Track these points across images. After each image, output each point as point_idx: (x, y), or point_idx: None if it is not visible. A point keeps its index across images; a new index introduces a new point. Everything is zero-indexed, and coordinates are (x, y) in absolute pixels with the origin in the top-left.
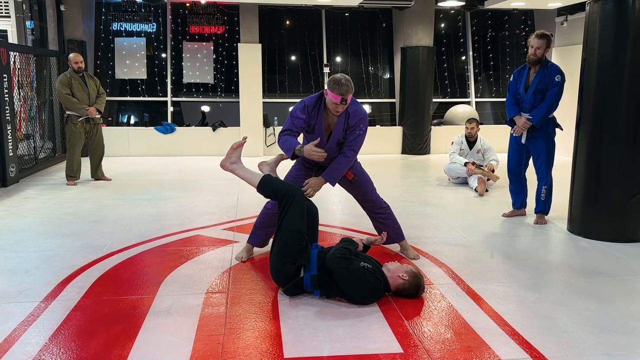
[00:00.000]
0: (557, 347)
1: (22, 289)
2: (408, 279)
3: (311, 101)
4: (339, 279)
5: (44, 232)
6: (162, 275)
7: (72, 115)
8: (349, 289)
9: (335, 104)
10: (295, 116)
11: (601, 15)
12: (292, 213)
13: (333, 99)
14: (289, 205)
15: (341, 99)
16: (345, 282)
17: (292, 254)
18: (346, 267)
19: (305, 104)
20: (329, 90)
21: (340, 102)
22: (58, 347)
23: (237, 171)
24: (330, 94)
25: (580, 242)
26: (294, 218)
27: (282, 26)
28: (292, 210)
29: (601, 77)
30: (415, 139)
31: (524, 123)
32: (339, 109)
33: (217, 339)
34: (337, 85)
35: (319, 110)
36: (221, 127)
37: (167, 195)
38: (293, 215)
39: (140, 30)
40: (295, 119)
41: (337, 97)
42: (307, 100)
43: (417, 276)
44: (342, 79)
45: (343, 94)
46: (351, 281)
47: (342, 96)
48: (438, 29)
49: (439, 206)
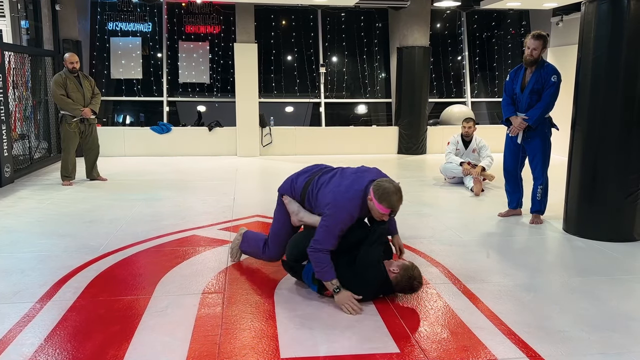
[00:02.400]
0: (553, 347)
1: (18, 289)
2: (399, 272)
3: (356, 211)
4: (360, 270)
5: (39, 233)
6: (158, 276)
7: (66, 116)
8: (362, 282)
9: (382, 215)
10: (337, 234)
11: (596, 16)
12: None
13: (380, 210)
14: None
15: (390, 212)
16: (364, 276)
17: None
18: (377, 261)
19: (353, 216)
20: (375, 201)
21: (389, 215)
22: (54, 348)
23: (308, 220)
24: (378, 205)
25: (576, 242)
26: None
27: (278, 26)
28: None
29: (596, 77)
30: (412, 139)
31: (520, 123)
32: (385, 219)
33: (214, 339)
34: (387, 196)
35: (361, 214)
36: (217, 127)
37: (163, 195)
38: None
39: (135, 30)
40: (335, 238)
41: (385, 209)
42: (351, 209)
43: (409, 268)
44: (393, 193)
45: (394, 208)
46: (370, 278)
47: (393, 210)
48: (434, 29)
49: (435, 206)
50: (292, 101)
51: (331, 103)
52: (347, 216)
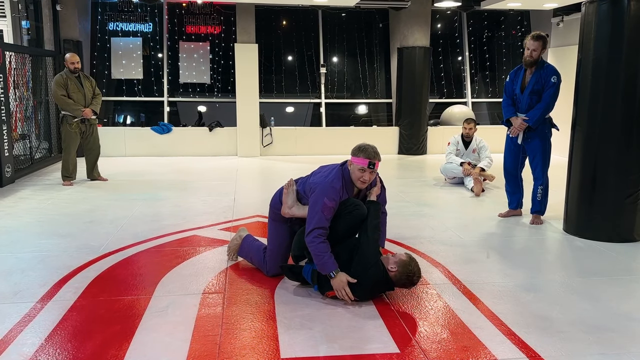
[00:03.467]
0: (553, 347)
1: (18, 289)
2: (397, 269)
3: (338, 182)
4: (360, 270)
5: (40, 233)
6: (158, 276)
7: (67, 116)
8: (362, 283)
9: (362, 170)
10: (327, 207)
11: (597, 16)
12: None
13: (359, 164)
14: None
15: (369, 163)
16: (364, 277)
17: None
18: (375, 262)
19: (335, 188)
20: (353, 158)
21: (368, 166)
22: (54, 348)
23: (298, 213)
24: (356, 159)
25: (576, 242)
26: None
27: (279, 26)
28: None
29: (597, 77)
30: (412, 140)
31: (520, 124)
32: (365, 177)
33: (214, 340)
34: (363, 148)
35: (346, 188)
36: (218, 127)
37: (163, 195)
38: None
39: (136, 30)
40: (327, 211)
41: (363, 161)
42: (332, 182)
43: (406, 264)
44: (368, 146)
45: (371, 157)
46: (370, 278)
47: (370, 159)
48: (434, 30)
49: (435, 206)
50: (293, 101)
51: (332, 103)
52: (331, 189)
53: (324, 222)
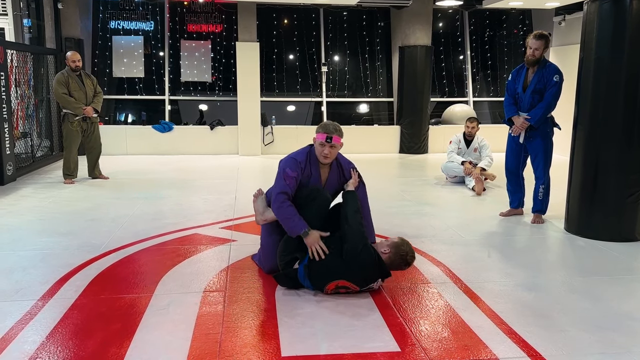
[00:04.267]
0: (554, 346)
1: (19, 287)
2: (390, 251)
3: (301, 156)
4: (350, 257)
5: (41, 231)
6: (159, 274)
7: (69, 114)
8: (356, 269)
9: (322, 145)
10: (288, 176)
11: (599, 15)
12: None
13: (319, 139)
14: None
15: (326, 137)
16: (356, 263)
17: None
18: (364, 245)
19: (296, 159)
20: (316, 135)
21: (325, 140)
22: (55, 346)
23: (270, 217)
24: (317, 135)
25: (577, 241)
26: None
27: (280, 25)
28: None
29: (598, 76)
30: (413, 138)
31: (522, 123)
32: (326, 151)
33: (215, 338)
34: (323, 125)
35: (311, 167)
36: (219, 125)
37: (164, 194)
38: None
39: (137, 28)
40: (288, 179)
41: (321, 135)
42: (295, 155)
43: (398, 245)
44: (328, 122)
45: (329, 132)
46: (362, 263)
47: (328, 134)
48: (436, 28)
49: (436, 205)
50: (294, 100)
51: (333, 102)
52: (292, 160)
53: (286, 188)
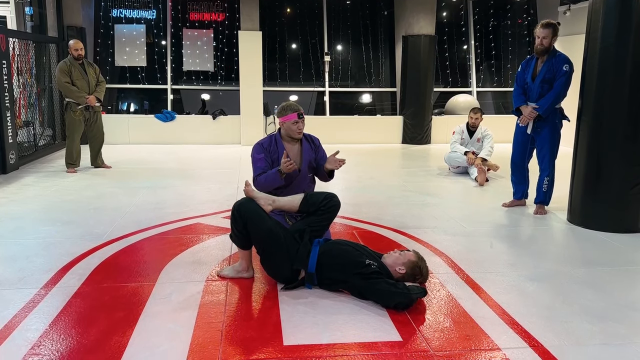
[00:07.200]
0: (556, 337)
1: (22, 275)
2: (405, 271)
3: (265, 140)
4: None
5: (43, 219)
6: (162, 263)
7: (71, 103)
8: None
9: (295, 122)
10: (257, 158)
11: (604, 5)
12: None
13: (291, 119)
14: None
15: (298, 114)
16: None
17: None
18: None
19: (260, 144)
20: (282, 118)
21: (298, 117)
22: (58, 334)
23: (283, 203)
24: (285, 118)
25: (580, 233)
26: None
27: (283, 14)
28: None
29: (603, 67)
30: (416, 129)
31: (530, 112)
32: (300, 126)
33: (217, 327)
34: (286, 107)
35: (277, 145)
36: (221, 115)
37: (166, 183)
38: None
39: (140, 17)
40: (259, 161)
41: (292, 115)
42: (259, 141)
43: (414, 266)
44: (289, 102)
45: (298, 110)
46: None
47: (297, 111)
48: (440, 18)
49: (439, 196)
50: (297, 90)
51: (335, 92)
52: (256, 145)
53: (259, 170)
